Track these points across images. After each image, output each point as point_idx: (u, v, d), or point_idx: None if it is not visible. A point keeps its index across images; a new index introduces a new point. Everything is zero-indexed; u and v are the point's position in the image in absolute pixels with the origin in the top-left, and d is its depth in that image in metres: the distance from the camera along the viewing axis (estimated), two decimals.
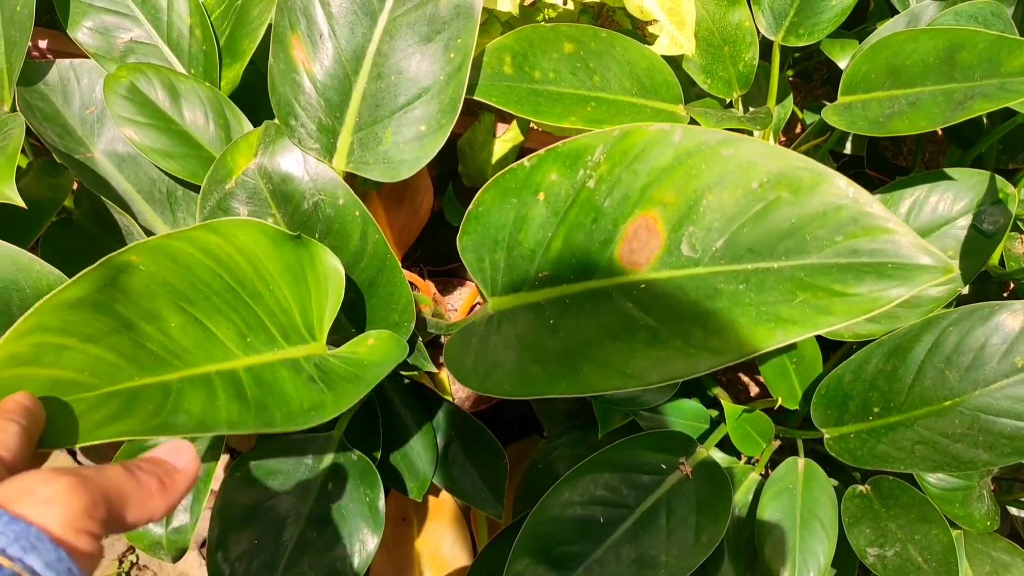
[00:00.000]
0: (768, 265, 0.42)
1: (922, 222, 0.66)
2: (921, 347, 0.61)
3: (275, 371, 0.47)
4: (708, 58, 0.73)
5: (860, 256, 0.41)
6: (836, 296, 0.40)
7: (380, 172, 0.57)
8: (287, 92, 0.57)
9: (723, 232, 0.43)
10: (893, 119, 0.58)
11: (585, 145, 0.46)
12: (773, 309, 0.41)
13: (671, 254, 0.44)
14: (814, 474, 0.68)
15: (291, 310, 0.50)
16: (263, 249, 0.49)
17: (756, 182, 0.42)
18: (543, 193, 0.48)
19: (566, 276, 0.48)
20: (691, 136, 0.44)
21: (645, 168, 0.45)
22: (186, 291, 0.45)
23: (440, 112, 0.56)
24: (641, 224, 0.45)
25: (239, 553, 0.55)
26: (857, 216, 0.41)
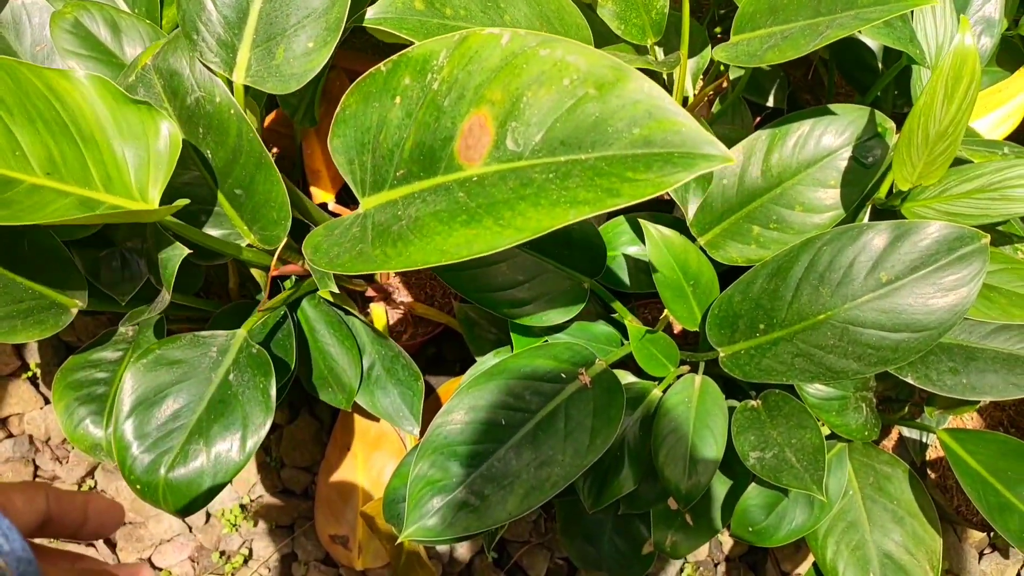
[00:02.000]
0: (577, 157, 0.47)
1: (807, 154, 0.71)
2: (799, 266, 0.67)
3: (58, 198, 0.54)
4: (621, 5, 0.78)
5: (652, 146, 0.45)
6: (627, 181, 0.45)
7: (273, 85, 0.62)
8: (190, 9, 0.62)
9: (541, 127, 0.48)
10: (767, 52, 0.63)
11: (432, 50, 0.51)
12: (572, 193, 0.46)
13: (498, 149, 0.49)
14: (708, 389, 0.73)
15: (124, 167, 0.56)
16: (108, 105, 0.56)
17: (567, 79, 0.47)
18: (399, 96, 0.53)
19: (417, 173, 0.53)
20: (516, 39, 0.48)
21: (478, 69, 0.49)
22: (12, 107, 0.54)
23: (326, 31, 0.61)
24: (475, 122, 0.50)
25: (142, 430, 0.61)
26: (651, 110, 0.45)
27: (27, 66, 0.53)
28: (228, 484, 0.62)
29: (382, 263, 0.50)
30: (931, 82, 0.57)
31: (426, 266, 0.48)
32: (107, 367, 0.73)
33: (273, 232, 0.64)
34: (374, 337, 0.81)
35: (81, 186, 0.56)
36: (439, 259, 0.47)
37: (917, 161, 0.62)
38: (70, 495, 0.37)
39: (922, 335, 0.63)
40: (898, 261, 0.63)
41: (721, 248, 0.74)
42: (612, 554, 0.82)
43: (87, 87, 0.55)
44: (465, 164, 0.50)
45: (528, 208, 0.46)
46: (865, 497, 0.75)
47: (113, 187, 0.57)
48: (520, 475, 0.65)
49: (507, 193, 0.48)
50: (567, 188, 0.46)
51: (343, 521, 0.99)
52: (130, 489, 0.60)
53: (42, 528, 0.35)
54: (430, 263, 0.48)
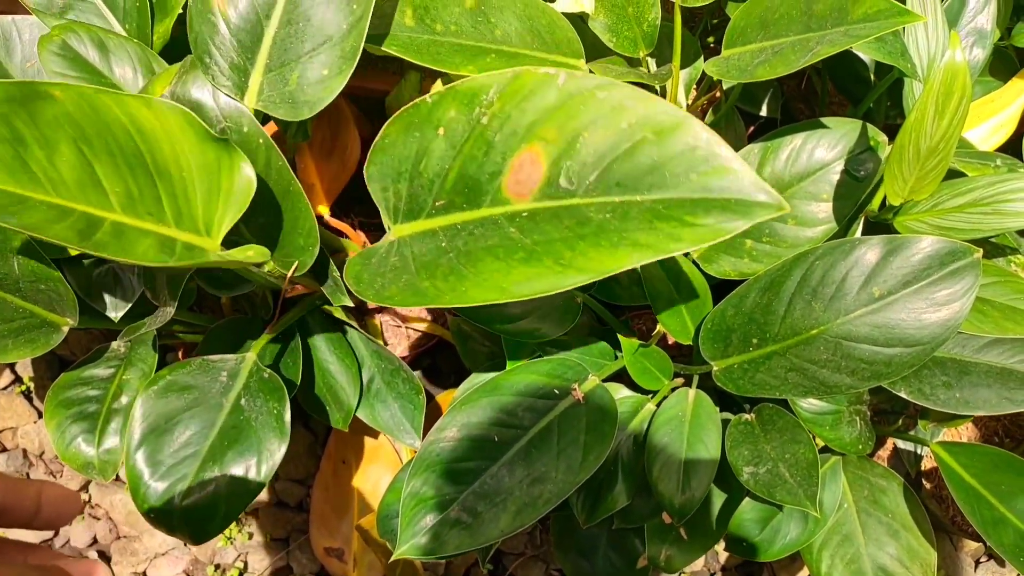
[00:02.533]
0: (633, 198, 0.48)
1: (800, 168, 0.71)
2: (792, 281, 0.66)
3: (141, 236, 0.53)
4: (613, 18, 0.78)
5: (710, 192, 0.46)
6: (687, 226, 0.46)
7: (285, 111, 0.62)
8: (203, 32, 0.62)
9: (596, 167, 0.49)
10: (758, 67, 0.63)
11: (481, 85, 0.52)
12: (632, 235, 0.47)
13: (551, 185, 0.50)
14: (702, 403, 0.73)
15: (195, 200, 0.56)
16: (187, 138, 0.55)
17: (625, 123, 0.48)
18: (443, 128, 0.53)
19: (460, 204, 0.54)
20: (573, 80, 0.49)
21: (532, 107, 0.50)
22: (93, 139, 0.52)
23: (341, 59, 0.61)
24: (526, 158, 0.51)
25: (155, 459, 0.61)
26: (709, 156, 0.46)
27: (108, 94, 0.52)
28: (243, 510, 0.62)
29: (434, 297, 0.50)
30: (922, 98, 0.56)
31: (484, 303, 0.48)
32: (99, 384, 0.73)
33: (299, 258, 0.64)
34: (374, 351, 0.80)
35: (156, 222, 0.55)
36: (498, 296, 0.48)
37: (909, 176, 0.62)
38: (23, 483, 0.36)
39: (915, 350, 0.63)
40: (891, 276, 0.63)
41: (714, 262, 0.74)
42: (607, 568, 0.82)
43: (169, 117, 0.54)
44: (513, 199, 0.51)
45: (588, 248, 0.47)
46: (860, 510, 0.75)
47: (183, 223, 0.56)
48: (513, 492, 0.65)
49: (564, 232, 0.48)
50: (627, 230, 0.47)
51: (338, 534, 0.99)
52: (143, 518, 0.59)
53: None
54: (489, 300, 0.48)
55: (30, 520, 0.36)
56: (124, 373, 0.73)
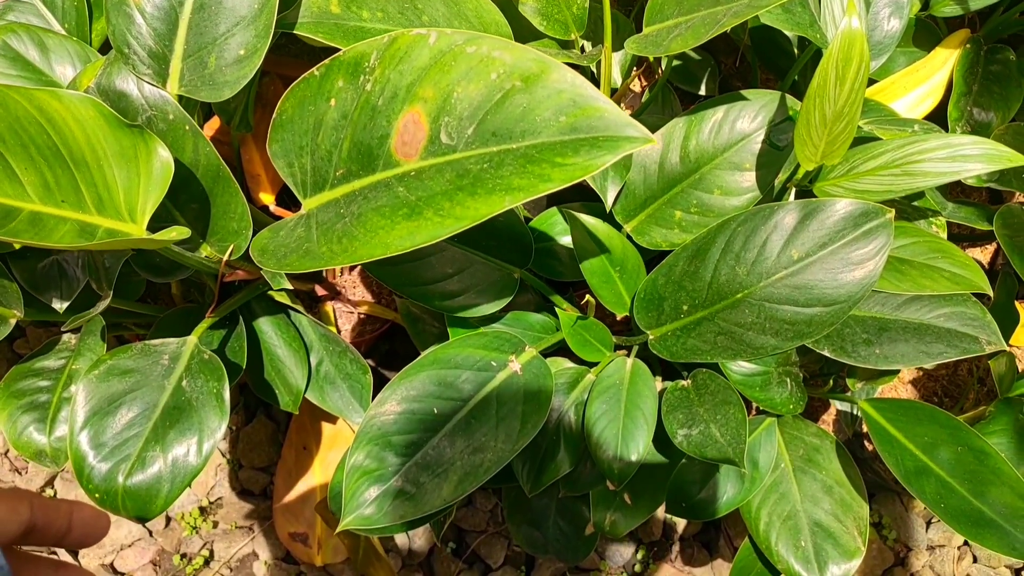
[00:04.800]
0: (508, 147, 0.50)
1: (723, 139, 0.74)
2: (716, 247, 0.69)
3: (60, 223, 0.55)
4: (543, 2, 0.80)
5: (578, 132, 0.48)
6: (556, 166, 0.48)
7: (207, 94, 0.64)
8: (120, 24, 0.64)
9: (472, 120, 0.51)
10: (673, 41, 0.65)
11: (362, 52, 0.54)
12: (506, 181, 0.49)
13: (433, 143, 0.52)
14: (639, 371, 0.76)
15: (114, 188, 0.58)
16: (100, 127, 0.57)
17: (495, 74, 0.50)
18: (334, 99, 0.55)
19: (356, 172, 0.56)
20: (443, 38, 0.51)
21: (408, 68, 0.52)
22: (4, 133, 0.54)
23: (255, 38, 0.63)
24: (409, 119, 0.53)
25: (98, 440, 0.62)
26: (575, 98, 0.48)
27: (16, 90, 0.53)
28: (187, 488, 0.64)
29: (328, 259, 0.52)
30: (822, 65, 0.59)
31: (371, 259, 0.50)
32: (50, 375, 0.75)
33: (233, 242, 0.66)
34: (321, 334, 0.82)
35: (75, 210, 0.57)
36: (383, 252, 0.50)
37: (819, 141, 0.64)
38: (55, 503, 0.38)
39: (833, 308, 0.65)
40: (808, 239, 0.65)
41: (646, 234, 0.77)
42: (557, 537, 0.84)
43: (79, 108, 0.56)
44: (402, 160, 0.53)
45: (466, 198, 0.49)
46: (795, 469, 0.78)
47: (105, 210, 0.58)
48: (454, 462, 0.67)
49: (445, 185, 0.50)
50: (501, 176, 0.49)
51: (302, 519, 1.01)
52: (88, 497, 0.61)
53: (25, 536, 0.36)
54: (375, 256, 0.50)
55: (61, 539, 0.38)
56: (74, 363, 0.74)
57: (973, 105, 0.91)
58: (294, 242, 0.57)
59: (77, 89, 0.65)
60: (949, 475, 0.66)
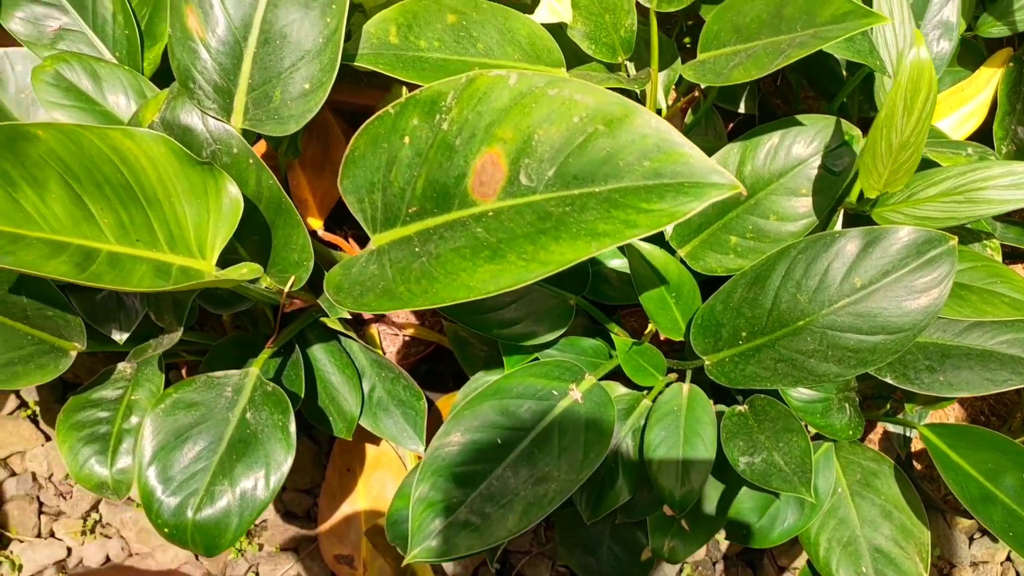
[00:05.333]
0: (591, 190, 0.50)
1: (778, 165, 0.73)
2: (776, 274, 0.69)
3: (136, 263, 0.55)
4: (591, 26, 0.80)
5: (663, 177, 0.48)
6: (642, 212, 0.48)
7: (272, 127, 0.64)
8: (185, 59, 0.64)
9: (553, 162, 0.51)
10: (734, 71, 0.65)
11: (439, 92, 0.54)
12: (591, 225, 0.49)
13: (512, 184, 0.52)
14: (696, 397, 0.76)
15: (185, 224, 0.58)
16: (171, 164, 0.57)
17: (577, 117, 0.50)
18: (408, 137, 0.55)
19: (430, 210, 0.56)
20: (524, 80, 0.51)
21: (487, 109, 0.52)
22: (80, 174, 0.54)
23: (321, 71, 0.63)
24: (487, 159, 0.53)
25: (166, 475, 0.62)
26: (660, 143, 0.48)
27: (90, 129, 0.53)
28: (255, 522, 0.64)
29: (408, 300, 0.52)
30: (891, 95, 0.59)
31: (453, 302, 0.50)
32: (108, 406, 0.75)
33: (295, 273, 0.66)
34: (373, 360, 0.82)
35: (150, 249, 0.58)
36: (466, 295, 0.50)
37: (883, 170, 0.64)
38: None
39: (898, 336, 0.65)
40: (871, 266, 0.65)
41: (700, 259, 0.77)
42: (611, 563, 0.84)
43: (151, 146, 0.56)
44: (479, 200, 0.53)
45: (550, 242, 0.49)
46: (853, 494, 0.77)
47: (177, 247, 0.58)
48: (518, 492, 0.67)
49: (526, 227, 0.50)
50: (585, 221, 0.49)
51: (347, 541, 1.01)
52: (157, 532, 0.61)
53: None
54: (457, 299, 0.50)
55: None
56: (132, 394, 0.74)
57: (1017, 124, 0.90)
58: (369, 280, 0.57)
59: (140, 123, 0.66)
60: (1015, 503, 0.66)
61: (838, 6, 0.58)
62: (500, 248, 0.52)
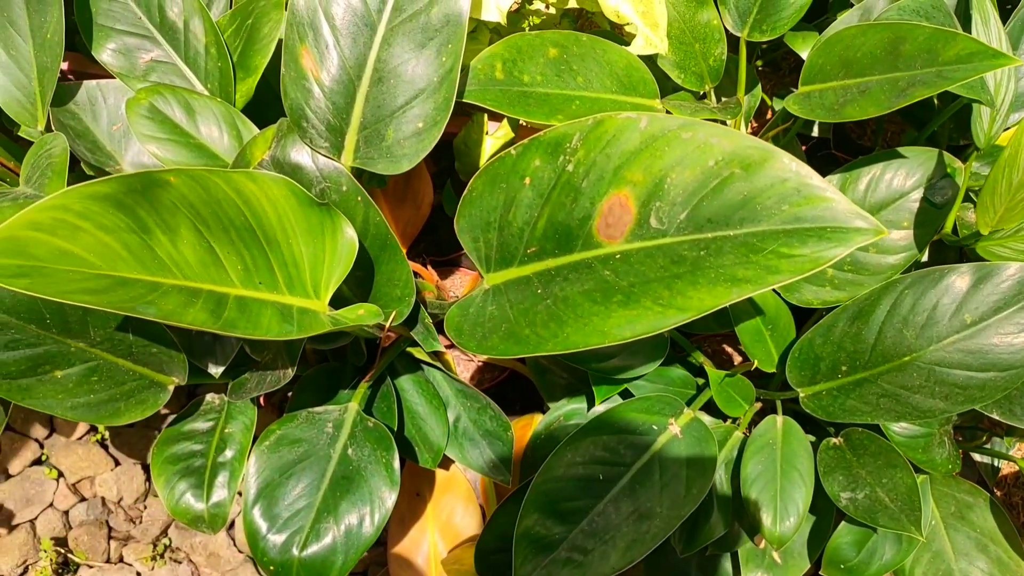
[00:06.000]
0: (725, 233, 0.49)
1: (879, 197, 0.73)
2: (881, 309, 0.68)
3: (262, 307, 0.55)
4: (681, 55, 0.80)
5: (803, 222, 0.48)
6: (783, 257, 0.47)
7: (384, 166, 0.64)
8: (298, 97, 0.63)
9: (686, 206, 0.50)
10: (846, 106, 0.65)
11: (564, 133, 0.54)
12: (730, 271, 0.48)
13: (641, 227, 0.52)
14: (791, 430, 0.75)
15: (302, 265, 0.58)
16: (291, 206, 0.57)
17: (712, 160, 0.49)
18: (528, 178, 0.55)
19: (551, 250, 0.55)
20: (655, 122, 0.51)
21: (616, 152, 0.52)
22: (208, 219, 0.54)
23: (435, 110, 0.63)
24: (615, 201, 0.52)
25: (271, 512, 0.62)
26: (800, 187, 0.48)
27: (216, 173, 0.53)
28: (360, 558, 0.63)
29: (536, 345, 0.52)
30: (1016, 137, 0.58)
31: (586, 348, 0.50)
32: (200, 438, 0.75)
33: (396, 308, 0.66)
34: (458, 390, 0.82)
35: (270, 291, 0.58)
36: (600, 340, 0.49)
37: (999, 207, 0.63)
38: None
39: (1009, 373, 0.64)
40: (981, 303, 0.65)
41: (797, 291, 0.76)
42: None
43: (272, 188, 0.56)
44: (605, 241, 0.53)
45: (686, 287, 0.49)
46: (948, 526, 0.77)
47: (295, 288, 0.58)
48: (620, 528, 0.67)
49: (658, 271, 0.50)
50: (723, 266, 0.48)
51: (416, 565, 1.01)
52: (262, 570, 0.61)
53: None
54: (590, 344, 0.50)
55: None
56: (225, 427, 0.74)
57: None
58: (490, 322, 0.57)
59: (248, 161, 0.65)
60: None
61: (964, 45, 0.58)
62: (633, 292, 0.51)
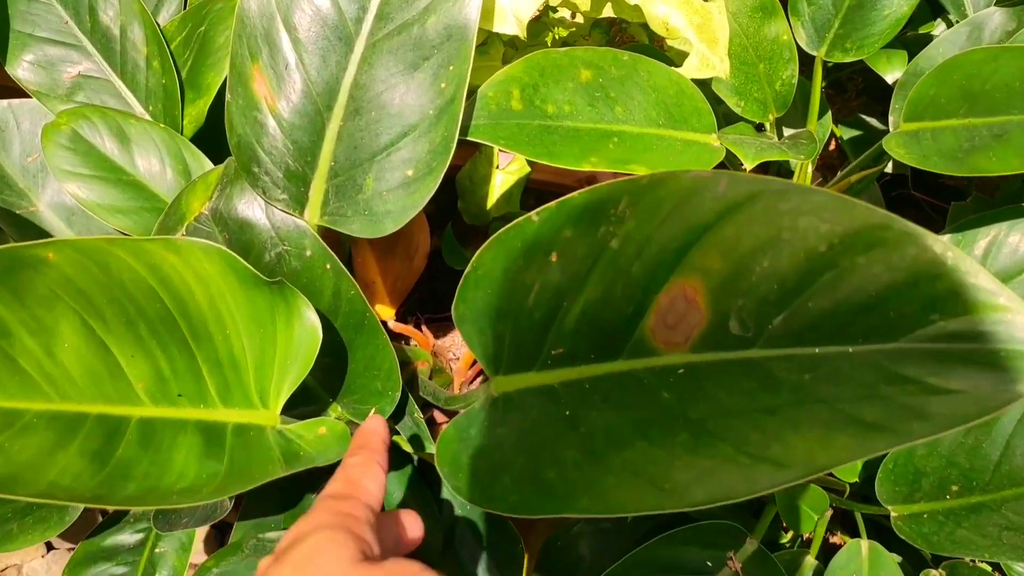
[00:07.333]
0: (841, 349, 0.33)
1: (1001, 265, 0.57)
2: (1008, 419, 0.53)
3: (179, 433, 0.40)
4: (741, 77, 0.64)
5: (963, 341, 0.31)
6: (932, 393, 0.31)
7: (361, 226, 0.48)
8: (247, 134, 0.48)
9: (782, 306, 0.34)
10: (974, 154, 0.49)
11: (606, 196, 0.37)
12: (851, 408, 0.32)
13: (716, 332, 0.35)
14: (881, 560, 0.59)
15: (243, 365, 0.43)
16: (229, 285, 0.42)
17: (824, 244, 0.33)
18: (555, 253, 0.39)
19: (585, 354, 0.39)
20: (739, 185, 0.34)
21: (682, 225, 0.36)
22: (105, 309, 0.39)
23: (430, 153, 0.47)
24: (678, 294, 0.36)
25: None
26: (957, 288, 0.31)
27: (120, 243, 0.39)
28: None
29: (565, 496, 0.37)
30: None
31: (636, 512, 0.34)
32: (124, 558, 0.59)
33: (376, 404, 0.51)
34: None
35: (195, 403, 0.43)
36: (658, 503, 0.33)
37: None
38: None
39: None
40: None
41: None
42: None
43: (203, 262, 0.41)
44: (662, 348, 0.37)
45: (784, 429, 0.32)
46: None
47: (231, 397, 0.43)
48: None
49: (742, 400, 0.34)
50: (839, 400, 0.32)
51: None
52: None
53: None
54: (644, 509, 0.34)
55: None
56: (156, 544, 0.58)
57: None
58: (498, 451, 0.41)
59: (183, 215, 0.50)
60: None
61: None
62: (706, 430, 0.35)
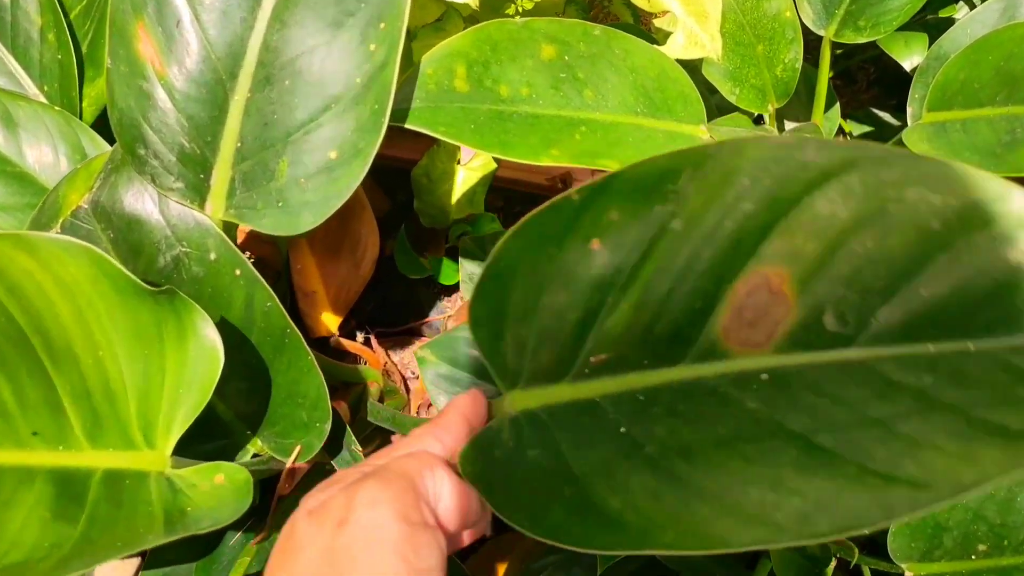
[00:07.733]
0: (959, 345, 0.26)
1: None
2: None
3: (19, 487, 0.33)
4: (736, 60, 0.56)
5: None
6: None
7: (274, 220, 0.40)
8: (131, 107, 0.39)
9: (888, 295, 0.27)
10: (1017, 149, 0.40)
11: (664, 169, 0.30)
12: (993, 415, 0.25)
13: (808, 328, 0.28)
14: None
15: (121, 394, 0.36)
16: (102, 296, 0.35)
17: (938, 220, 0.26)
18: (598, 239, 0.31)
19: (636, 361, 0.31)
20: (831, 151, 0.27)
21: (762, 202, 0.28)
22: None
23: (357, 131, 0.39)
24: (759, 283, 0.29)
25: None
26: None
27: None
28: None
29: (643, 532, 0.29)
30: None
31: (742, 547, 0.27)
32: None
33: (301, 439, 0.43)
34: None
35: (52, 445, 0.35)
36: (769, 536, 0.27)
37: None
38: None
39: None
40: None
41: None
42: None
43: (68, 265, 0.34)
44: (736, 350, 0.29)
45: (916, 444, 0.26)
46: None
47: (104, 435, 0.36)
48: None
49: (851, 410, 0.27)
50: (976, 405, 0.26)
51: None
52: None
53: None
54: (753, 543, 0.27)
55: None
56: None
57: None
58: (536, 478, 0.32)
59: (60, 209, 0.41)
60: None
61: None
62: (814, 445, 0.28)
